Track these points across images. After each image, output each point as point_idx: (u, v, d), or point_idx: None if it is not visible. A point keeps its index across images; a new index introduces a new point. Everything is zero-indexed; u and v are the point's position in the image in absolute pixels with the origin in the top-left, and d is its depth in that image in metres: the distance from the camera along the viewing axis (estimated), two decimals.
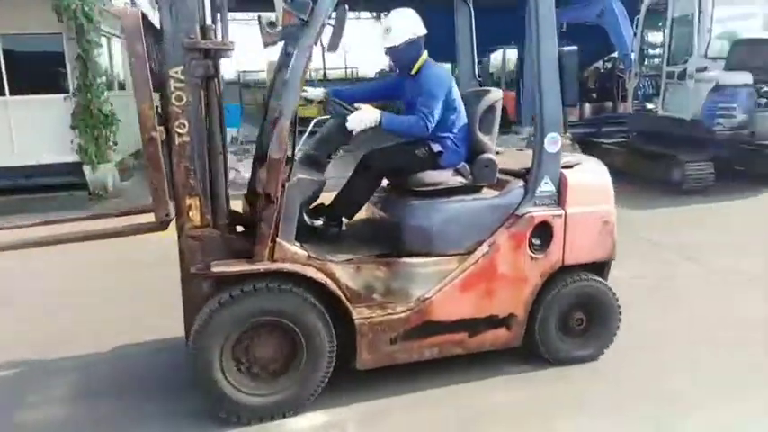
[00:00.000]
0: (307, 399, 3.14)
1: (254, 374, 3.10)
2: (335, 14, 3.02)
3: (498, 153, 3.91)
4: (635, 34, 10.27)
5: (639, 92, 10.18)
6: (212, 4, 3.09)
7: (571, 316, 3.54)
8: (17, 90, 9.18)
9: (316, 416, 3.16)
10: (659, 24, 9.95)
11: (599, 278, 3.58)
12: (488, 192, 3.49)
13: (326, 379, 3.16)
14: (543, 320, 3.47)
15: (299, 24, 3.00)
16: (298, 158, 3.40)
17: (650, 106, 9.88)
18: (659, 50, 10.11)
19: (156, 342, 4.05)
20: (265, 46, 3.33)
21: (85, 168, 9.12)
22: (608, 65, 13.90)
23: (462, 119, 3.51)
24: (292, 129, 3.16)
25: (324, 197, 3.44)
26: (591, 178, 3.56)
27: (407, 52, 3.44)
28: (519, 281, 3.39)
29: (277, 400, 3.10)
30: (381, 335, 3.20)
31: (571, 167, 3.48)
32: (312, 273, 3.05)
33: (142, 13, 2.86)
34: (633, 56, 10.31)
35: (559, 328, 3.54)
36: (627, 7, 11.06)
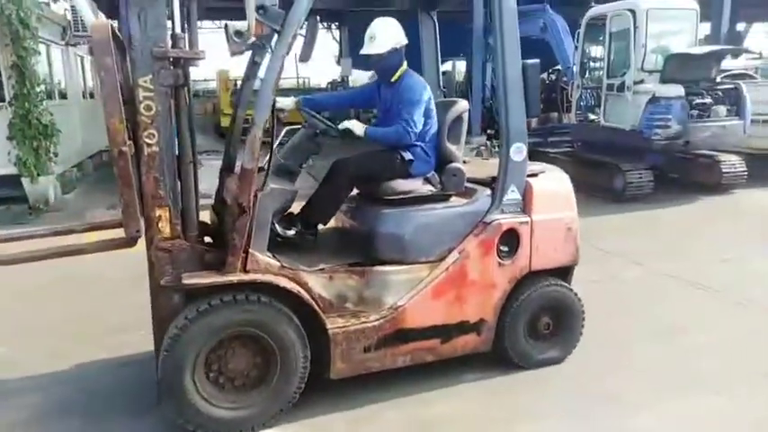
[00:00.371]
0: (280, 411, 3.11)
1: (226, 387, 3.04)
2: (307, 25, 3.04)
3: (465, 162, 4.00)
4: (576, 48, 10.65)
5: (582, 103, 10.54)
6: (181, 13, 3.04)
7: (538, 320, 3.64)
8: None
9: None
10: (600, 38, 10.35)
11: (564, 283, 3.70)
12: (457, 200, 3.56)
13: (300, 390, 3.13)
14: (512, 325, 3.55)
15: (271, 34, 2.99)
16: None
17: (592, 117, 10.23)
18: (600, 63, 10.54)
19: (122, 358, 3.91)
20: (232, 55, 3.29)
21: (24, 181, 8.70)
22: (552, 77, 14.35)
23: (434, 128, 3.57)
24: (266, 138, 3.15)
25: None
26: (554, 186, 3.68)
27: (390, 60, 3.49)
28: (488, 287, 3.47)
29: (250, 414, 3.05)
30: (355, 344, 3.21)
31: (535, 176, 3.60)
32: (285, 283, 3.03)
33: (111, 26, 2.78)
34: (575, 68, 10.68)
35: (527, 333, 3.62)
36: (568, 22, 11.46)
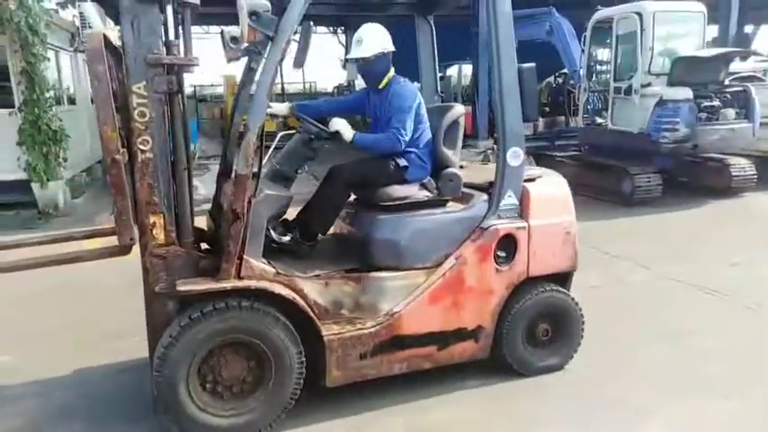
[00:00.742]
0: (275, 419, 3.09)
1: (221, 394, 3.03)
2: (301, 30, 3.03)
3: (462, 167, 3.98)
4: (582, 51, 10.60)
5: (589, 106, 10.50)
6: (175, 19, 3.05)
7: (537, 326, 3.60)
8: None
9: None
10: (606, 41, 10.30)
11: (562, 289, 3.66)
12: (454, 205, 3.53)
13: (296, 398, 3.12)
14: (510, 332, 3.51)
15: (265, 40, 2.99)
16: (264, 173, 3.38)
17: (600, 120, 10.19)
18: (606, 67, 10.48)
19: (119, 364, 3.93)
20: (228, 61, 3.30)
21: (34, 186, 8.78)
22: (559, 80, 14.29)
23: (427, 134, 3.56)
24: (259, 144, 3.14)
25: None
26: (552, 190, 3.64)
27: (377, 65, 3.48)
28: (486, 293, 3.44)
29: (245, 421, 3.03)
30: (351, 351, 3.19)
31: (533, 180, 3.57)
32: (280, 289, 3.02)
33: (104, 35, 2.80)
34: (582, 72, 10.63)
35: (526, 339, 3.59)
36: (574, 25, 11.42)
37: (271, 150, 3.55)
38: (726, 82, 9.12)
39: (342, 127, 3.34)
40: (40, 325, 4.67)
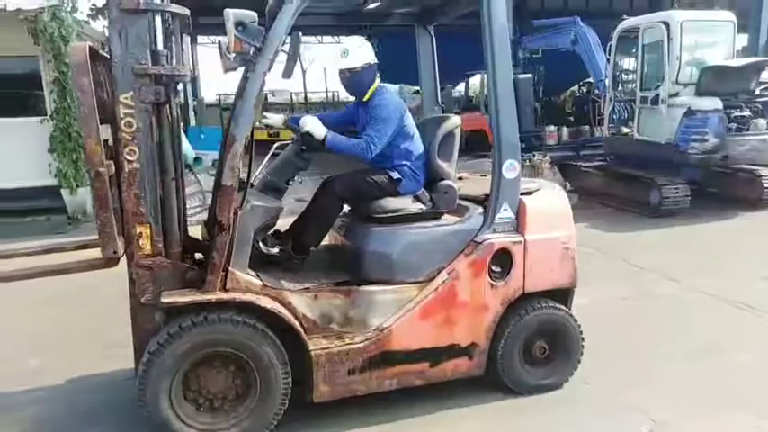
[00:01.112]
0: None
1: (205, 408, 3.00)
2: (289, 41, 3.01)
3: (461, 179, 3.90)
4: (608, 60, 10.42)
5: (615, 116, 10.32)
6: (166, 30, 3.06)
7: (534, 344, 3.49)
8: None
9: None
10: (632, 51, 10.10)
11: (561, 306, 3.53)
12: (448, 218, 3.45)
13: (281, 413, 3.07)
14: (505, 349, 3.41)
15: (253, 51, 2.97)
16: (256, 184, 3.37)
17: (626, 130, 9.99)
18: (632, 76, 10.25)
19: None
20: (225, 71, 3.29)
21: (64, 192, 9.01)
22: (583, 89, 14.07)
23: (419, 146, 3.50)
24: (248, 155, 3.13)
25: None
26: (550, 204, 3.53)
27: (363, 77, 3.44)
28: (480, 309, 3.34)
29: None
30: (339, 366, 3.13)
31: (531, 193, 3.46)
32: (265, 302, 2.98)
33: (90, 47, 2.82)
34: (607, 81, 10.45)
35: (522, 357, 3.48)
36: (599, 34, 11.24)
37: (266, 160, 3.55)
38: (756, 92, 8.82)
39: (312, 127, 3.25)
40: (45, 333, 4.73)
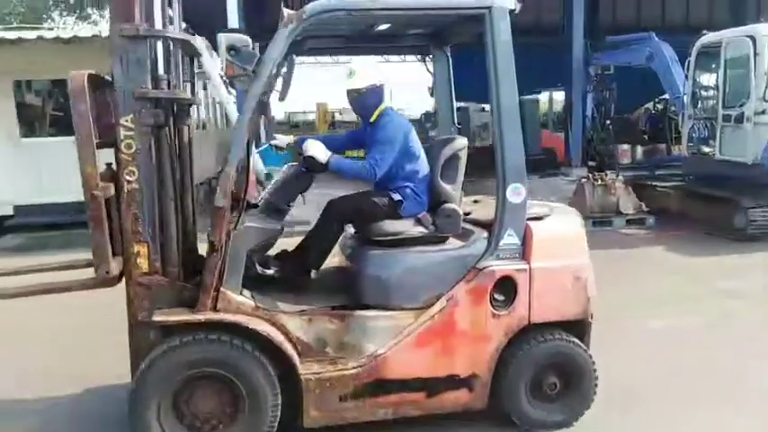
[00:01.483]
0: None
1: (194, 429, 3.00)
2: (285, 65, 3.03)
3: (477, 201, 3.77)
4: (686, 77, 9.88)
5: (694, 135, 9.75)
6: (167, 54, 3.15)
7: (541, 378, 3.27)
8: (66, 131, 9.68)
9: None
10: (712, 67, 9.52)
11: (572, 338, 3.30)
12: (450, 243, 3.32)
13: None
14: (510, 382, 3.22)
15: (249, 75, 2.99)
16: (259, 205, 3.39)
17: (706, 149, 9.41)
18: (713, 93, 9.66)
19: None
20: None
21: None
22: (659, 106, 13.40)
23: (424, 167, 3.41)
24: (245, 176, 3.16)
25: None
26: (560, 230, 3.33)
27: (370, 98, 3.40)
28: (481, 338, 3.18)
29: None
30: (329, 391, 3.06)
31: (540, 219, 3.28)
32: (255, 324, 2.97)
33: (93, 74, 2.94)
34: (686, 98, 9.90)
35: (530, 391, 3.27)
36: (676, 49, 10.69)
37: (273, 181, 3.57)
38: None
39: (315, 151, 3.21)
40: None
